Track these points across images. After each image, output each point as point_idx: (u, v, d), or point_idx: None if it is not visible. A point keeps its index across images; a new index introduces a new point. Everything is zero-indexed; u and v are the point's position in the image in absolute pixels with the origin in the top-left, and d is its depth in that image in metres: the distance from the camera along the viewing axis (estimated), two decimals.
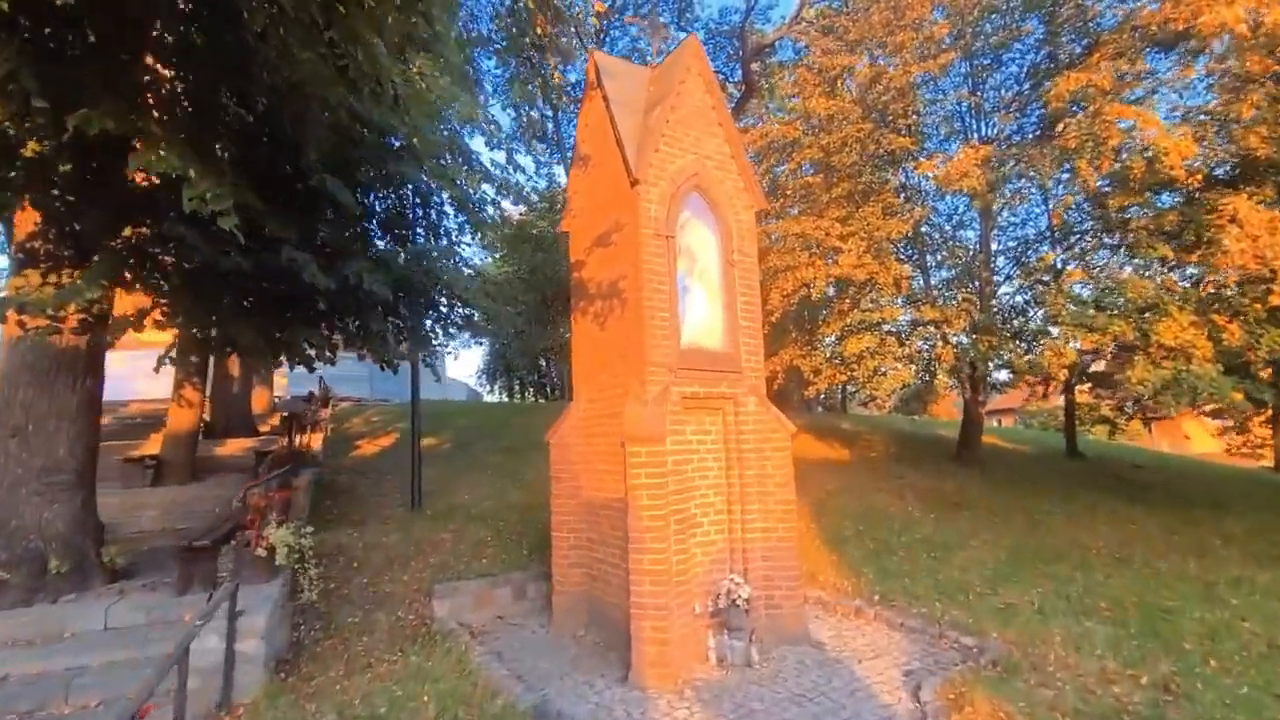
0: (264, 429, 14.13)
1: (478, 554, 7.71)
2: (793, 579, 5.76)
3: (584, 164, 6.56)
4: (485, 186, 6.80)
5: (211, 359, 14.93)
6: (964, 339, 11.36)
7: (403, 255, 5.29)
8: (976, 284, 12.51)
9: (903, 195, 13.01)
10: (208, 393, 11.70)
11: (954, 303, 11.29)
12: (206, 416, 14.44)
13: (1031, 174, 10.01)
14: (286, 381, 21.74)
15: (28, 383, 5.47)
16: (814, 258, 10.90)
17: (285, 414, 9.47)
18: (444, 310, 7.30)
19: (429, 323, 6.69)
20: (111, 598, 5.39)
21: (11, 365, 5.49)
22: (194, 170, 2.95)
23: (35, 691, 4.22)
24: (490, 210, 6.65)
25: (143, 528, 7.96)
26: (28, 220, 5.31)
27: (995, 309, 12.22)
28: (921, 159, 10.89)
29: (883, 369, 11.07)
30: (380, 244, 5.82)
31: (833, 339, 12.18)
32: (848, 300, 11.44)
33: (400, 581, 6.88)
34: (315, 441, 12.57)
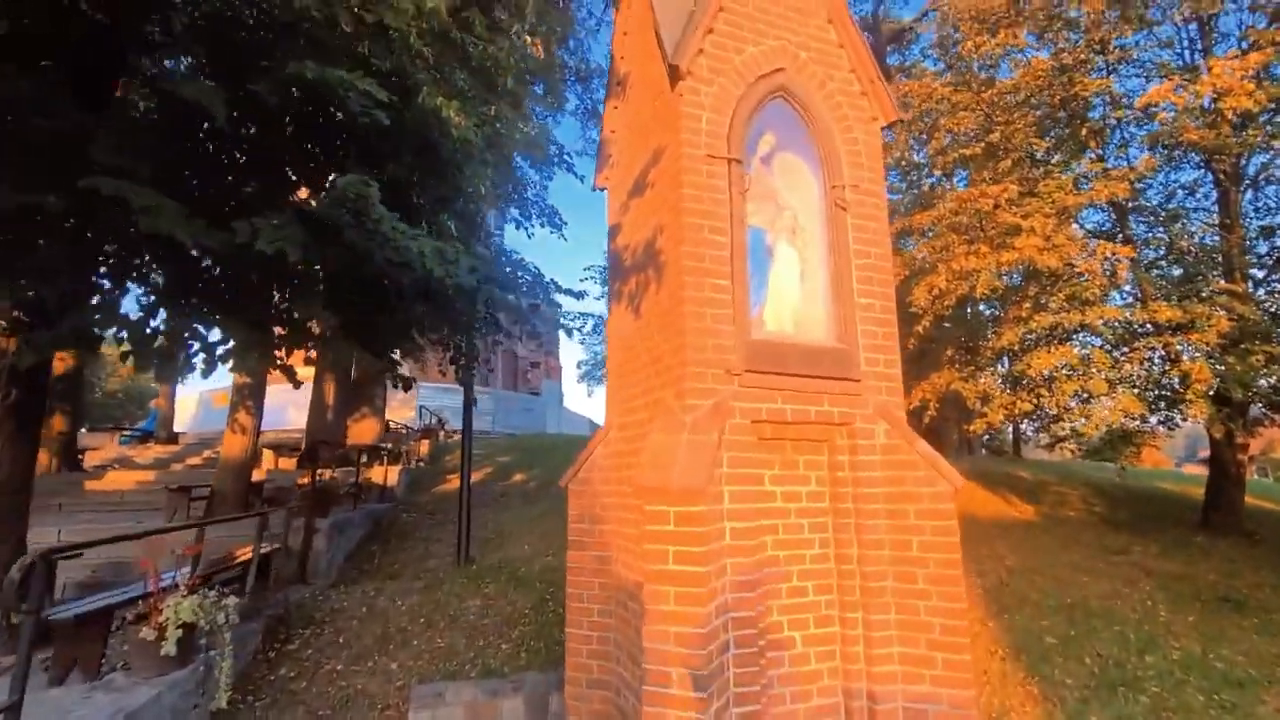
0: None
1: (504, 633, 5.79)
2: None
3: (621, 89, 4.62)
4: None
5: (307, 385, 14.83)
6: (1215, 353, 7.78)
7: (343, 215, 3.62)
8: (1223, 280, 8.80)
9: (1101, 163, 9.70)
10: (259, 418, 10.91)
11: (1195, 302, 7.77)
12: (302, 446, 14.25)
13: None
14: (413, 412, 21.92)
15: None
16: (976, 243, 8.03)
17: (310, 446, 8.24)
18: (459, 308, 5.65)
19: (417, 317, 5.00)
20: None
21: None
22: None
23: None
24: (486, 135, 4.88)
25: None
26: None
27: (1267, 309, 8.45)
28: (1137, 96, 7.70)
29: (1088, 395, 7.78)
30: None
31: (1006, 355, 9.05)
32: (1028, 301, 8.32)
33: (385, 672, 5.10)
34: (391, 475, 11.62)
